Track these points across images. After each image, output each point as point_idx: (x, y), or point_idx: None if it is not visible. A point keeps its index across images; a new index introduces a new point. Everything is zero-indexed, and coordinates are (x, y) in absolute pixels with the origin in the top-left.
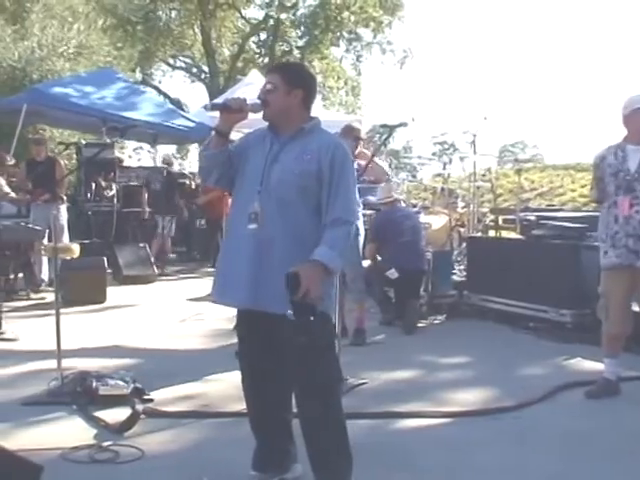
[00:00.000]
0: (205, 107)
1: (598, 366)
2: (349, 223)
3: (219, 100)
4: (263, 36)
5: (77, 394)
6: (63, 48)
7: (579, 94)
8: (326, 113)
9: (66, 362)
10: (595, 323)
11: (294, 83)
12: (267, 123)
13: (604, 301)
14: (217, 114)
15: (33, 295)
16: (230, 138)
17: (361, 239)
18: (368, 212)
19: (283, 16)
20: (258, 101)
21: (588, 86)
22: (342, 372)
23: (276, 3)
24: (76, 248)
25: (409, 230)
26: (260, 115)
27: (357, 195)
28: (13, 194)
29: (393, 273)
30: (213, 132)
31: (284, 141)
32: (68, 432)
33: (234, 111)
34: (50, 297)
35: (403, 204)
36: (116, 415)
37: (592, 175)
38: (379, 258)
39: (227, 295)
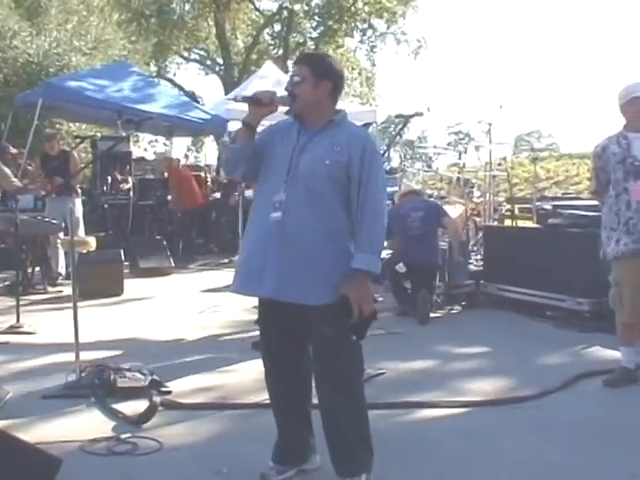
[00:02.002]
0: (235, 98)
1: (616, 354)
2: (381, 218)
3: (247, 93)
4: (277, 27)
5: (95, 387)
6: (80, 43)
7: (595, 83)
8: (341, 104)
9: (84, 355)
10: (613, 311)
11: (322, 75)
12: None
13: (617, 290)
14: (236, 105)
15: (50, 288)
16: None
17: None
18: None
19: (297, 7)
20: (286, 93)
21: (604, 74)
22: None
23: None
24: (92, 241)
25: (416, 222)
26: (283, 108)
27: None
28: (19, 183)
29: (401, 267)
30: (240, 124)
31: (313, 133)
32: (86, 424)
33: (264, 104)
34: (67, 290)
35: (419, 195)
36: (134, 407)
37: (592, 165)
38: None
39: (251, 285)
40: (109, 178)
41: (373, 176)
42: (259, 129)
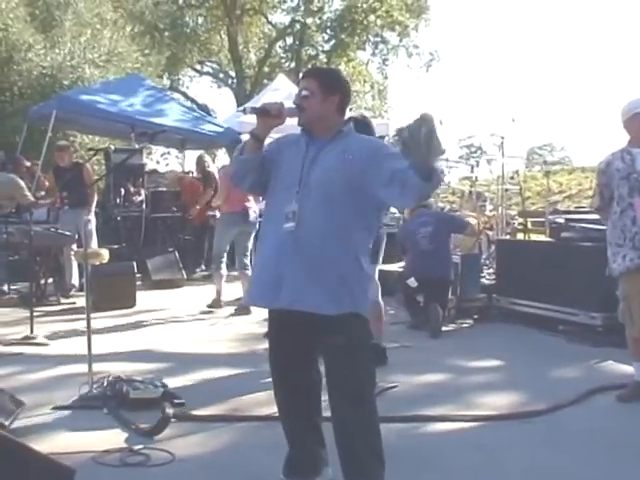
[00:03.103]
0: (244, 110)
1: (630, 369)
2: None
3: (256, 104)
4: (289, 41)
5: (108, 398)
6: (93, 55)
7: (607, 96)
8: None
9: (97, 366)
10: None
11: (331, 89)
12: (299, 129)
13: (625, 304)
14: (249, 118)
15: (63, 300)
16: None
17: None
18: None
19: (309, 20)
20: (294, 106)
21: (616, 89)
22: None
23: (302, 8)
24: (105, 253)
25: (426, 239)
26: (292, 120)
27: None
28: (32, 197)
29: (413, 282)
30: (249, 136)
31: (322, 143)
32: (99, 436)
33: (272, 116)
34: (80, 302)
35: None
36: (147, 419)
37: (596, 182)
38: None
39: (267, 297)
40: (122, 190)
41: (389, 171)
42: (267, 141)
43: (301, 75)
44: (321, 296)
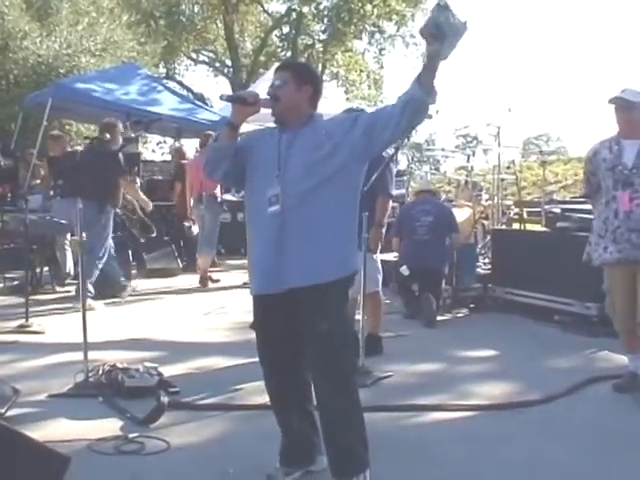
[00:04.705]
0: (221, 97)
1: (624, 359)
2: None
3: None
4: (285, 30)
5: (103, 386)
6: (89, 44)
7: (603, 86)
8: (348, 106)
9: (92, 354)
10: None
11: (304, 79)
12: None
13: (610, 297)
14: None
15: (59, 289)
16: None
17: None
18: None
19: (305, 9)
20: (268, 97)
21: (613, 78)
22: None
23: None
24: None
25: (424, 228)
26: (267, 110)
27: None
28: None
29: (405, 270)
30: (225, 124)
31: (296, 127)
32: (94, 424)
33: (248, 104)
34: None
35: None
36: (142, 407)
37: (584, 169)
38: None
39: (269, 284)
40: None
41: (368, 116)
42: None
43: (274, 69)
44: (317, 267)
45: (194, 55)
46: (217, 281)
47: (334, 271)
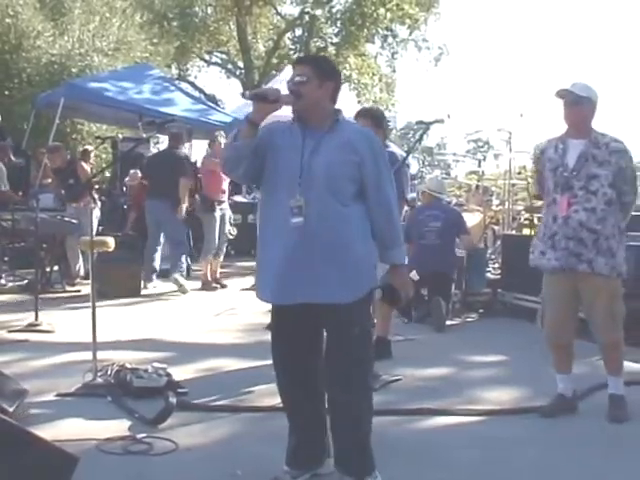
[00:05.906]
0: (243, 95)
1: (634, 366)
2: (395, 212)
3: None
4: (298, 32)
5: (112, 386)
6: (102, 44)
7: (615, 93)
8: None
9: (101, 354)
10: (630, 323)
11: (327, 75)
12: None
13: (543, 307)
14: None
15: (69, 288)
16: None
17: None
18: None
19: (319, 12)
20: (289, 93)
21: (624, 84)
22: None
23: None
24: (111, 242)
25: (432, 233)
26: (288, 107)
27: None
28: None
29: (414, 275)
30: (245, 122)
31: (321, 134)
32: (103, 424)
33: (270, 101)
34: (85, 290)
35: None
36: (150, 408)
37: (533, 168)
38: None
39: (285, 295)
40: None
41: (383, 175)
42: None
43: (294, 62)
44: (338, 286)
45: (207, 56)
46: (224, 286)
47: (355, 293)
